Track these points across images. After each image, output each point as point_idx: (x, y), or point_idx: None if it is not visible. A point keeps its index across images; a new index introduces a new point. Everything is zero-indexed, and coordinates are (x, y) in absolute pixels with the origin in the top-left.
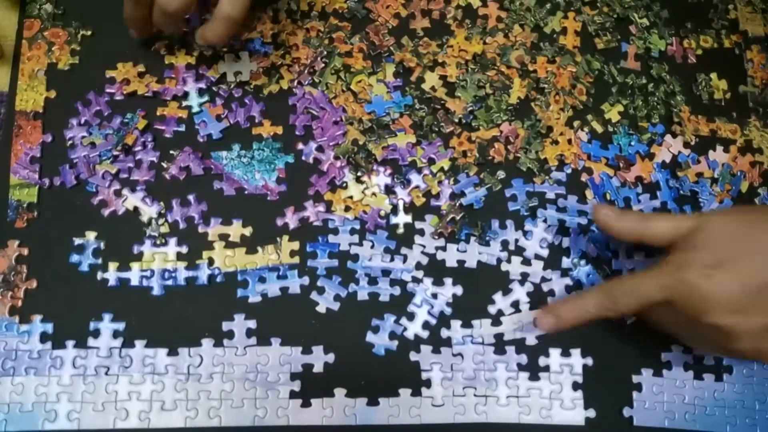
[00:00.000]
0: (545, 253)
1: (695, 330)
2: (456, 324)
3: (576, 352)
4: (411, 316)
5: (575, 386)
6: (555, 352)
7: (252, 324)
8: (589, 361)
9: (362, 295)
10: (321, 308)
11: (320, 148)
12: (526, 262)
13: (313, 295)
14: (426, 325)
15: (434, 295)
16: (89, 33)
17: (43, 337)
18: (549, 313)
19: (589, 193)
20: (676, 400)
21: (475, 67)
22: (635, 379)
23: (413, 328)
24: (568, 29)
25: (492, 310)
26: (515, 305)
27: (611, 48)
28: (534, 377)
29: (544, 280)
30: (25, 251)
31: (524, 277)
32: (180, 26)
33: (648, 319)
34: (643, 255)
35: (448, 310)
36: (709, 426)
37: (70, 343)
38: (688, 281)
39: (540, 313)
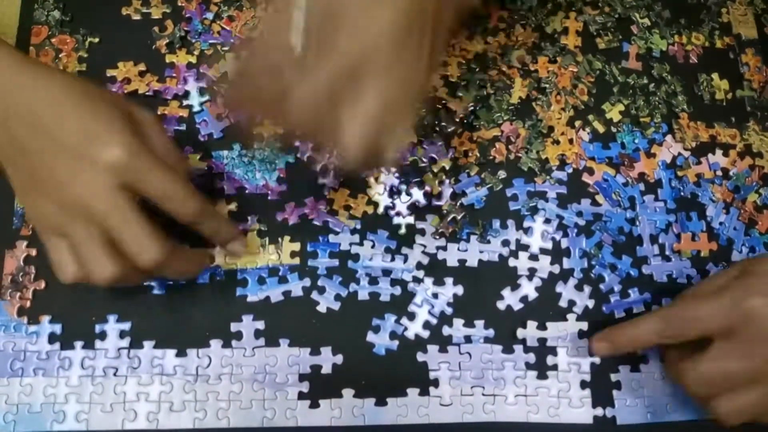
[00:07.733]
0: (549, 245)
1: (747, 369)
2: (458, 323)
3: (584, 350)
4: (412, 316)
5: (583, 385)
6: (562, 351)
7: (255, 325)
8: (597, 359)
9: (363, 294)
10: (321, 308)
11: None
12: (533, 257)
13: (314, 295)
14: (427, 325)
15: (435, 295)
16: (97, 40)
17: (52, 338)
18: (604, 339)
19: (600, 198)
20: (655, 393)
21: (477, 67)
22: (613, 377)
23: (414, 328)
24: (569, 29)
25: (501, 306)
26: (524, 300)
27: (612, 48)
28: (542, 376)
29: (552, 275)
30: (33, 252)
31: (532, 273)
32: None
33: (671, 365)
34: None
35: (448, 310)
36: (692, 413)
37: (78, 344)
38: (756, 309)
39: (595, 339)
